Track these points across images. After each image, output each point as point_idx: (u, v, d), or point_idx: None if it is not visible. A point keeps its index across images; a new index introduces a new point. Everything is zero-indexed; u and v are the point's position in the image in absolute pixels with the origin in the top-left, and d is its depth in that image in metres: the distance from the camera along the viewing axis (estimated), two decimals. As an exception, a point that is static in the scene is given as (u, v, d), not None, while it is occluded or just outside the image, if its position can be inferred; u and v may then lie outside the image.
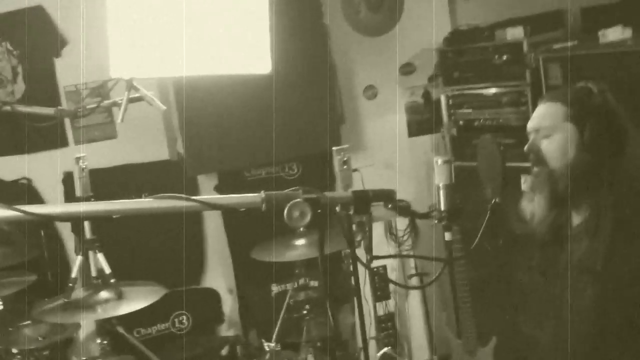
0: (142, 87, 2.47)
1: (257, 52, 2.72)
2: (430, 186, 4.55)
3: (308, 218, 1.77)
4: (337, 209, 1.87)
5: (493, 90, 3.95)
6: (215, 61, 2.59)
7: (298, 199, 1.77)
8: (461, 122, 4.14)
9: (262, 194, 1.78)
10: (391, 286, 4.54)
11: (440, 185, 1.95)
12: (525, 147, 2.09)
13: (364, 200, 1.87)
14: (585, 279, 1.95)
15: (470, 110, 4.09)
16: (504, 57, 3.84)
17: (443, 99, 4.20)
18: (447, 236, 1.96)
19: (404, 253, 4.60)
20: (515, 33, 3.79)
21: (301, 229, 2.30)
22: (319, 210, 1.79)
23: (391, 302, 4.55)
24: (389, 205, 1.93)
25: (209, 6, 2.51)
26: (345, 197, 1.88)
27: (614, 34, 3.23)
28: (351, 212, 1.89)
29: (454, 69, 4.11)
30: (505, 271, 4.11)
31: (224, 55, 2.61)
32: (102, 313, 2.76)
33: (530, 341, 4.07)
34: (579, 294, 1.97)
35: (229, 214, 3.86)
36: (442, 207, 1.94)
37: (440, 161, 1.95)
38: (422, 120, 4.55)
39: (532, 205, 2.07)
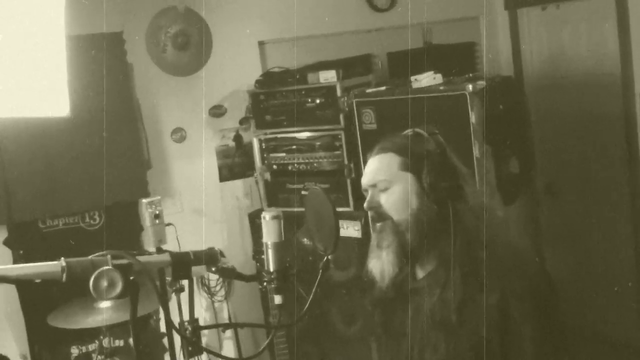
0: None
1: (52, 93, 2.45)
2: (243, 233, 4.39)
3: (119, 289, 1.51)
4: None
5: (306, 134, 3.87)
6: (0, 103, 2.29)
7: (106, 267, 1.51)
8: (275, 167, 4.01)
9: (62, 261, 1.50)
10: (204, 339, 4.31)
11: (269, 243, 1.76)
12: (365, 205, 1.96)
13: (184, 264, 1.64)
14: (437, 334, 1.84)
15: (283, 155, 3.98)
16: (317, 101, 3.78)
17: (255, 142, 4.06)
18: (277, 299, 1.77)
19: (216, 304, 4.39)
20: (328, 76, 3.74)
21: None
22: (132, 278, 1.54)
23: (204, 357, 4.32)
24: (213, 269, 1.72)
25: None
26: (162, 261, 1.64)
27: (426, 79, 3.28)
28: (169, 278, 1.66)
29: (266, 111, 3.99)
30: (321, 320, 4.02)
31: (12, 95, 2.32)
32: None
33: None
34: (431, 352, 1.85)
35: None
36: (272, 268, 1.75)
37: (268, 217, 1.77)
38: (233, 164, 4.38)
39: (380, 263, 1.92)
